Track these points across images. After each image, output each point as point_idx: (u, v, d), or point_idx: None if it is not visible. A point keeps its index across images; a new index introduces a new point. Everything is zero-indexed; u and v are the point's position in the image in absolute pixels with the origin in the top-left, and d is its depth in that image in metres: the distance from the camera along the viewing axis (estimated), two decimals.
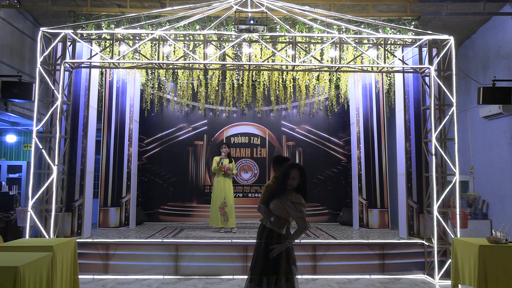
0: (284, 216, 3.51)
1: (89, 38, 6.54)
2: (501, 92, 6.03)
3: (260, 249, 3.56)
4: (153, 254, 5.99)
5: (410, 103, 6.71)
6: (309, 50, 6.81)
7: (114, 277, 5.83)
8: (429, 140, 6.16)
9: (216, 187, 7.31)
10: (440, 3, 6.83)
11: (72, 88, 6.48)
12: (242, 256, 5.98)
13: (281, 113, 9.27)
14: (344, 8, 7.07)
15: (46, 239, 5.31)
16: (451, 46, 6.15)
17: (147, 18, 6.72)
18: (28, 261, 3.36)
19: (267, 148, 9.19)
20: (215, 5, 6.21)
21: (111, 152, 7.87)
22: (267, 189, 3.89)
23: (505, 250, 4.38)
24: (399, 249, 6.17)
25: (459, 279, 4.78)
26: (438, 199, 5.98)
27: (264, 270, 3.42)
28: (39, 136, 6.02)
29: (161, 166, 9.03)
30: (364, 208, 7.92)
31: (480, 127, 7.79)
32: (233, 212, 7.24)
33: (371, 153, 8.07)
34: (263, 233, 3.62)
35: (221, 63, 6.82)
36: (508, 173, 6.98)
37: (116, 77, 7.95)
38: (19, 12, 7.20)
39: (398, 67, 6.60)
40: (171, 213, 8.91)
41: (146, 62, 6.60)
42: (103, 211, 7.77)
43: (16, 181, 9.36)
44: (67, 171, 6.31)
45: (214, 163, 7.30)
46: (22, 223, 5.80)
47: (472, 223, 6.91)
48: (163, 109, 9.14)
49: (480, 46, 7.88)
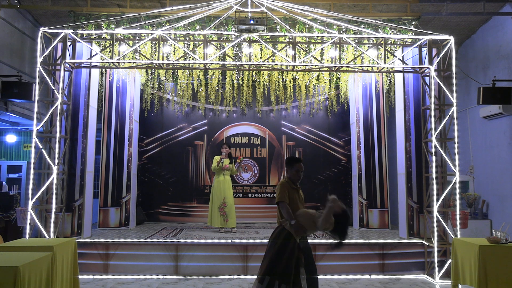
0: (306, 226, 3.49)
1: (89, 38, 6.54)
2: (501, 92, 6.03)
3: (273, 249, 3.48)
4: (153, 254, 5.99)
5: (410, 103, 6.71)
6: (309, 50, 6.81)
7: (114, 277, 5.83)
8: (429, 140, 6.16)
9: (215, 187, 7.30)
10: (440, 3, 6.83)
11: (72, 88, 6.49)
12: (242, 256, 5.98)
13: (281, 113, 9.27)
14: (344, 8, 7.07)
15: (46, 239, 5.31)
16: (451, 46, 6.15)
17: (147, 18, 6.72)
18: (28, 261, 3.36)
19: (267, 148, 9.19)
20: (215, 5, 6.21)
21: (111, 152, 7.87)
22: (282, 186, 3.84)
23: (505, 250, 4.38)
24: (399, 249, 6.17)
25: (459, 279, 4.78)
26: (438, 199, 5.98)
27: (276, 270, 3.36)
28: (39, 136, 6.02)
29: (161, 166, 9.03)
30: (364, 208, 7.92)
31: (480, 127, 7.79)
32: (233, 212, 7.24)
33: (371, 153, 8.06)
34: (280, 234, 3.53)
35: (221, 63, 6.82)
36: (508, 173, 6.98)
37: (116, 77, 7.95)
38: (19, 12, 7.20)
39: (398, 67, 6.60)
40: (171, 213, 8.91)
41: (146, 62, 6.60)
42: (103, 211, 7.77)
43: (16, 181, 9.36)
44: (67, 171, 6.31)
45: (214, 163, 7.30)
46: (22, 223, 5.80)
47: (472, 223, 6.91)
48: (163, 109, 9.14)
49: (480, 46, 7.87)
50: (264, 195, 9.06)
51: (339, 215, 3.36)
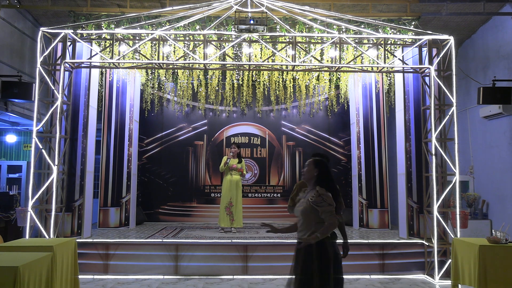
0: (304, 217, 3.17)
1: (89, 38, 6.54)
2: (501, 92, 6.03)
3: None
4: (153, 254, 5.99)
5: (410, 103, 6.71)
6: (309, 50, 6.81)
7: (114, 277, 5.83)
8: (429, 140, 6.16)
9: (223, 187, 7.32)
10: (440, 3, 6.83)
11: (72, 88, 6.48)
12: (242, 256, 5.98)
13: (281, 113, 9.27)
14: (344, 8, 7.06)
15: (46, 239, 5.31)
16: (451, 46, 6.15)
17: (147, 18, 6.72)
18: (28, 261, 3.36)
19: (267, 148, 9.19)
20: (215, 5, 6.21)
21: (111, 152, 7.87)
22: (295, 186, 3.77)
23: (505, 250, 4.38)
24: (399, 249, 6.17)
25: (459, 279, 4.78)
26: (438, 199, 5.98)
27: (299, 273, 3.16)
28: (39, 136, 6.02)
29: (161, 166, 9.03)
30: (364, 208, 7.92)
31: (480, 127, 7.78)
32: (240, 212, 7.24)
33: (371, 153, 8.06)
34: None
35: (221, 63, 6.82)
36: (508, 173, 6.98)
37: (116, 77, 7.95)
38: (19, 12, 7.20)
39: (398, 67, 6.60)
40: (171, 213, 8.90)
41: (146, 62, 6.60)
42: (103, 211, 7.77)
43: (16, 181, 9.35)
44: (67, 171, 6.31)
45: (222, 163, 7.32)
46: (22, 223, 5.80)
47: (472, 223, 6.91)
48: (163, 109, 9.14)
49: (480, 46, 7.87)
50: (264, 195, 9.06)
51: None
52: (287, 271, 3.31)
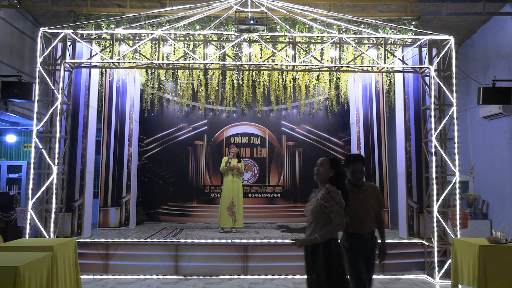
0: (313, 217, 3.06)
1: (89, 38, 6.54)
2: (501, 92, 6.03)
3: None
4: (153, 254, 5.99)
5: (410, 103, 6.71)
6: (309, 50, 6.81)
7: (114, 277, 5.83)
8: (429, 140, 6.16)
9: (224, 187, 7.31)
10: (440, 3, 6.83)
11: (72, 88, 6.48)
12: (242, 256, 5.98)
13: (281, 113, 9.27)
14: (344, 8, 7.06)
15: (46, 239, 5.31)
16: (451, 46, 6.15)
17: (147, 18, 6.72)
18: (28, 261, 3.36)
19: (267, 148, 9.19)
20: (215, 5, 6.21)
21: (111, 152, 7.87)
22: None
23: (505, 250, 4.38)
24: (399, 249, 6.17)
25: (459, 279, 4.78)
26: (438, 199, 5.98)
27: None
28: (39, 136, 6.02)
29: (161, 166, 9.03)
30: None
31: (480, 127, 7.78)
32: (241, 212, 7.25)
33: (371, 153, 8.06)
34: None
35: (221, 63, 6.82)
36: (508, 173, 6.98)
37: (116, 77, 7.95)
38: (19, 12, 7.20)
39: (398, 67, 6.60)
40: (171, 213, 8.91)
41: (146, 62, 6.60)
42: (103, 211, 7.77)
43: (16, 181, 9.35)
44: (67, 171, 6.31)
45: (223, 163, 7.32)
46: (22, 223, 5.80)
47: (472, 223, 6.91)
48: (163, 109, 9.14)
49: (480, 46, 7.87)
50: (264, 195, 9.06)
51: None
52: (287, 271, 3.30)
